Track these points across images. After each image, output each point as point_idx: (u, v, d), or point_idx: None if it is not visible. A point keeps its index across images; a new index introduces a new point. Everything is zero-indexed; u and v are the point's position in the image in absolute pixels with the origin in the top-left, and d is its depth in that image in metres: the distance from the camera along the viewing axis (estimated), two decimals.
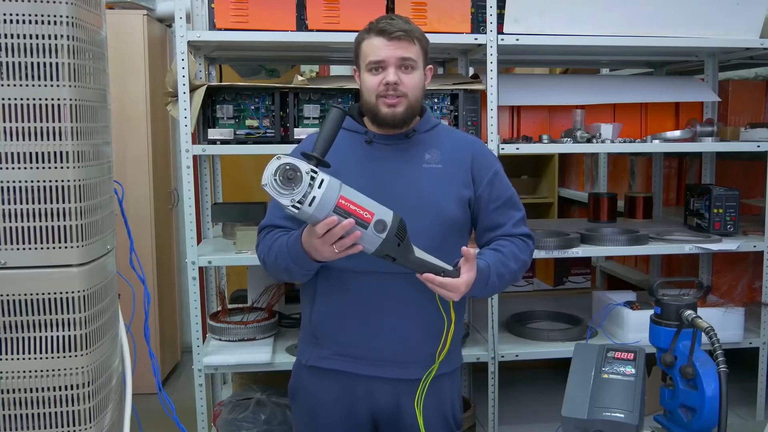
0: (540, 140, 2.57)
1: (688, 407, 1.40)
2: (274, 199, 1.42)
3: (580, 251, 2.57)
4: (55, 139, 1.24)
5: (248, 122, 2.42)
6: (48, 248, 1.26)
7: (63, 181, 1.26)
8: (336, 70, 4.30)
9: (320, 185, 1.41)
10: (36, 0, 1.22)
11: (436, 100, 2.47)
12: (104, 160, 1.40)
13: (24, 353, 1.26)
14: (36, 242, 1.26)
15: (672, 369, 1.42)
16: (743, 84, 3.23)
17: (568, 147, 2.59)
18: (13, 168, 1.23)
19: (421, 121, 1.77)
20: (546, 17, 2.45)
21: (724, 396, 1.26)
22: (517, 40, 2.43)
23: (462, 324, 1.86)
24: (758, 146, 2.60)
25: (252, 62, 3.87)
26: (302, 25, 2.35)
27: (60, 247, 1.27)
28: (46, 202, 1.25)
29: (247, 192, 3.84)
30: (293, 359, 1.91)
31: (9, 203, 1.24)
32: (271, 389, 2.54)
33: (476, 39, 2.43)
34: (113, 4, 3.75)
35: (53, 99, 1.24)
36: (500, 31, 2.43)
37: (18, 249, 1.25)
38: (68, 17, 1.23)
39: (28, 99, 1.23)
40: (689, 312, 1.41)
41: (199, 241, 2.59)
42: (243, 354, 2.41)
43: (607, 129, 2.58)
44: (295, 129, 2.39)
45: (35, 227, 1.25)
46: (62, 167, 1.25)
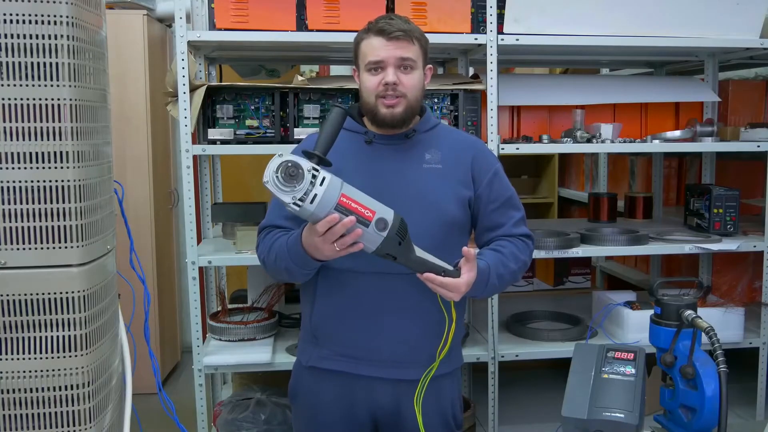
0: (540, 140, 2.57)
1: (688, 407, 1.40)
2: (275, 198, 1.41)
3: (580, 251, 2.57)
4: (55, 139, 1.24)
5: (248, 122, 2.42)
6: (48, 248, 1.26)
7: (63, 181, 1.25)
8: (336, 70, 4.29)
9: (322, 183, 1.41)
10: (36, 0, 1.22)
11: (436, 100, 2.47)
12: (104, 160, 1.40)
13: (24, 353, 1.26)
14: (36, 242, 1.26)
15: (672, 369, 1.42)
16: (743, 84, 3.23)
17: (568, 147, 2.59)
18: (13, 168, 1.23)
19: (421, 121, 1.77)
20: (546, 17, 2.45)
21: (724, 396, 1.26)
22: (517, 40, 2.44)
23: (462, 324, 1.86)
24: (758, 146, 2.60)
25: (252, 62, 3.88)
26: (302, 25, 2.35)
27: (60, 247, 1.27)
28: (46, 202, 1.25)
29: (247, 192, 3.85)
30: (293, 359, 1.91)
31: (9, 203, 1.24)
32: (271, 389, 2.54)
33: (476, 39, 2.43)
34: (113, 4, 3.75)
35: (53, 99, 1.24)
36: (500, 31, 2.43)
37: (18, 249, 1.25)
38: (68, 17, 1.23)
39: (28, 99, 1.23)
40: (689, 312, 1.41)
41: (199, 241, 2.59)
42: (243, 354, 2.42)
43: (607, 129, 2.58)
44: (295, 129, 2.38)
45: (35, 227, 1.25)
46: (62, 167, 1.25)
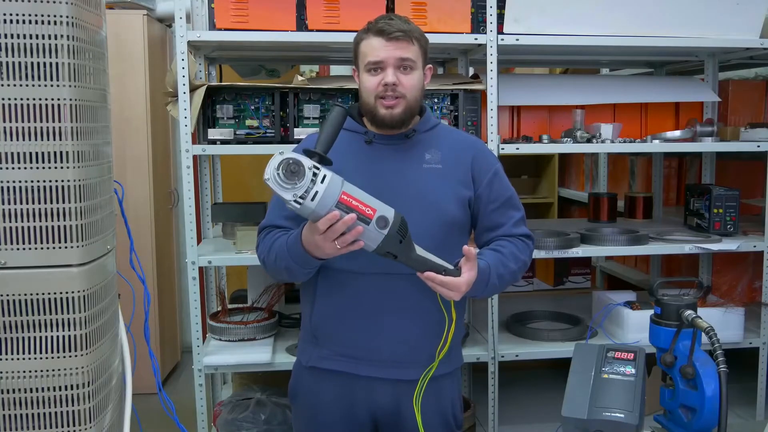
0: (540, 140, 2.57)
1: (688, 407, 1.40)
2: (275, 198, 1.41)
3: (580, 251, 2.57)
4: (55, 139, 1.24)
5: (248, 122, 2.42)
6: (48, 248, 1.26)
7: (63, 181, 1.25)
8: (336, 70, 4.29)
9: (323, 180, 1.41)
10: (36, 0, 1.22)
11: (436, 100, 2.47)
12: (104, 160, 1.40)
13: (24, 353, 1.26)
14: (36, 242, 1.26)
15: (672, 369, 1.42)
16: (743, 84, 3.23)
17: (568, 147, 2.59)
18: (13, 168, 1.23)
19: (421, 121, 1.77)
20: (546, 17, 2.45)
21: (724, 396, 1.26)
22: (517, 40, 2.43)
23: (462, 324, 1.86)
24: (758, 146, 2.60)
25: (252, 62, 3.88)
26: (302, 25, 2.35)
27: (60, 247, 1.27)
28: (46, 202, 1.25)
29: (247, 192, 3.85)
30: (293, 359, 1.91)
31: (9, 203, 1.24)
32: (271, 389, 2.54)
33: (476, 39, 2.42)
34: (113, 4, 3.75)
35: (53, 99, 1.24)
36: (500, 31, 2.43)
37: (18, 249, 1.25)
38: (68, 17, 1.23)
39: (28, 99, 1.23)
40: (689, 312, 1.41)
41: (199, 241, 2.59)
42: (243, 354, 2.42)
43: (607, 129, 2.58)
44: (295, 129, 2.38)
45: (35, 227, 1.25)
46: (62, 167, 1.25)
